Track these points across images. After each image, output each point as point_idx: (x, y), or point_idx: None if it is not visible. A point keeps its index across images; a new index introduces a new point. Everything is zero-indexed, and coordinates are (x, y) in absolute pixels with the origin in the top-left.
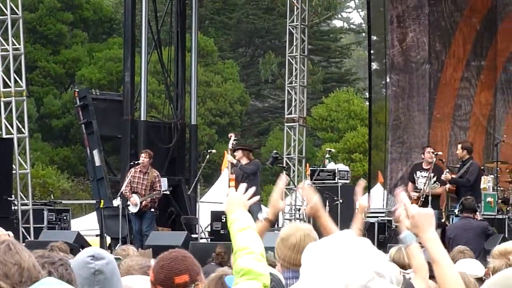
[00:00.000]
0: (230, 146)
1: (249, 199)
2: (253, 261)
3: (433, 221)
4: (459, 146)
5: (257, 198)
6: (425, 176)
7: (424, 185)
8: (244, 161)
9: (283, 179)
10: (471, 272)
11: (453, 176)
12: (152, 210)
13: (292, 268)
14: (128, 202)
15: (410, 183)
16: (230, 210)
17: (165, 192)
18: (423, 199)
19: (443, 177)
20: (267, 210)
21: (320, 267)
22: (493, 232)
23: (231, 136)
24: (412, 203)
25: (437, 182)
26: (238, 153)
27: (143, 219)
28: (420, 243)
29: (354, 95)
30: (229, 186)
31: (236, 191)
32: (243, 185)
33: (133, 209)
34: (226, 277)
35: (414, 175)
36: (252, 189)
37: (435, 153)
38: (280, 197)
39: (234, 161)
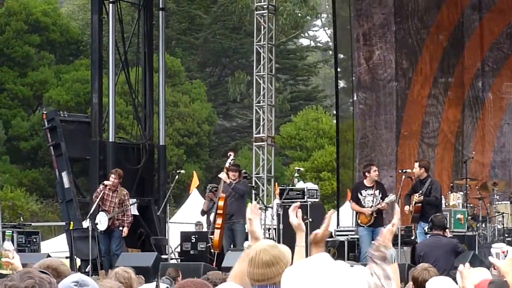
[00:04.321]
0: (227, 164)
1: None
2: None
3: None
4: (416, 164)
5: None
6: (371, 194)
7: (373, 202)
8: (236, 180)
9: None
10: None
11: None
12: (120, 228)
13: (257, 284)
14: (96, 221)
15: (354, 204)
16: None
17: (134, 214)
18: (375, 215)
19: (415, 198)
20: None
21: None
22: (463, 249)
23: (230, 154)
24: (364, 220)
25: (381, 198)
26: (235, 174)
27: (111, 238)
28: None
29: (323, 114)
30: (218, 205)
31: (223, 210)
32: None
33: (101, 227)
34: None
35: (359, 195)
36: None
37: (404, 170)
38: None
39: (228, 181)
